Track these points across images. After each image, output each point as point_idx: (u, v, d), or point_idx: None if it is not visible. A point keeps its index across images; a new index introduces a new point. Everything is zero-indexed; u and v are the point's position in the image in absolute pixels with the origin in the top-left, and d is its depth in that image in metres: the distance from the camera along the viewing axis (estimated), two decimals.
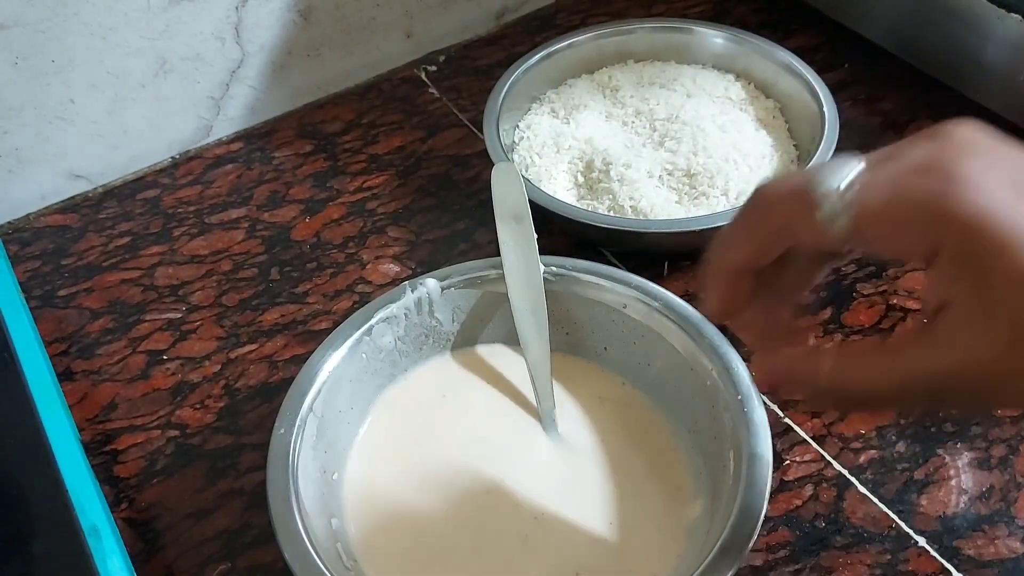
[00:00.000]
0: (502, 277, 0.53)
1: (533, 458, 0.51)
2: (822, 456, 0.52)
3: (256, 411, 0.57)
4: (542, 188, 0.63)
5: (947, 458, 0.51)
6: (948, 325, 0.30)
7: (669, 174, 0.64)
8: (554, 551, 0.46)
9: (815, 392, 0.34)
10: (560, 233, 0.61)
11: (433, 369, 0.55)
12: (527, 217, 0.55)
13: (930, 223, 0.29)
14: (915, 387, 0.31)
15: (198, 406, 0.57)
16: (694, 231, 0.58)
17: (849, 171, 0.30)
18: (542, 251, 0.54)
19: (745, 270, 0.34)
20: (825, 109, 0.65)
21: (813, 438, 0.53)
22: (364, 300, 0.61)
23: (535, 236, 0.54)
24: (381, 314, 0.52)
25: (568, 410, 0.52)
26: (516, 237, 0.54)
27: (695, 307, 0.50)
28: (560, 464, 0.50)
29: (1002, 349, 0.29)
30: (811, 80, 0.67)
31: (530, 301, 0.53)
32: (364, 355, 0.52)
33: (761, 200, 0.33)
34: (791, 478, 0.51)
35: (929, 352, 0.30)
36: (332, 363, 0.51)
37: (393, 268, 0.64)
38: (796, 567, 0.48)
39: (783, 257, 0.34)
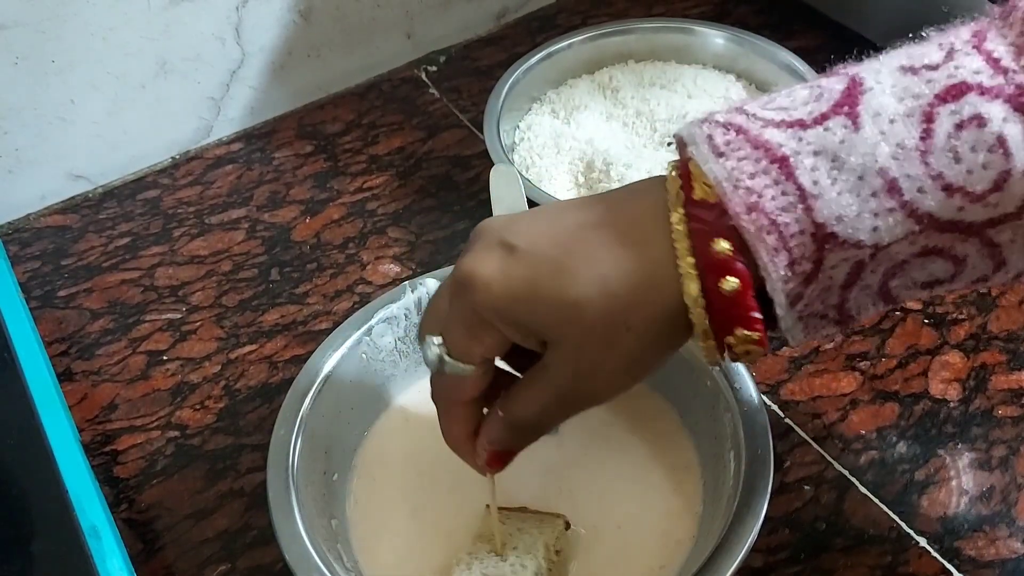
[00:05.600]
0: None
1: (534, 456, 0.50)
2: (823, 457, 0.52)
3: (256, 412, 0.57)
4: (542, 189, 0.63)
5: (948, 459, 0.51)
6: (546, 367, 0.38)
7: None
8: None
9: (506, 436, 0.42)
10: None
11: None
12: None
13: (488, 332, 0.38)
14: (551, 407, 0.39)
15: (198, 407, 0.57)
16: None
17: (435, 348, 0.39)
18: None
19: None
20: None
21: (814, 439, 0.53)
22: (364, 300, 0.61)
23: None
24: (381, 314, 0.52)
25: None
26: None
27: None
28: (561, 461, 0.50)
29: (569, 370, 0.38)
30: None
31: None
32: (364, 355, 0.52)
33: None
34: (791, 479, 0.51)
35: (546, 383, 0.39)
36: (332, 363, 0.50)
37: (393, 268, 0.64)
38: (796, 568, 0.48)
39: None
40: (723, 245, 0.33)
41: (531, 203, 0.57)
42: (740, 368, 0.48)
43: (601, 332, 0.36)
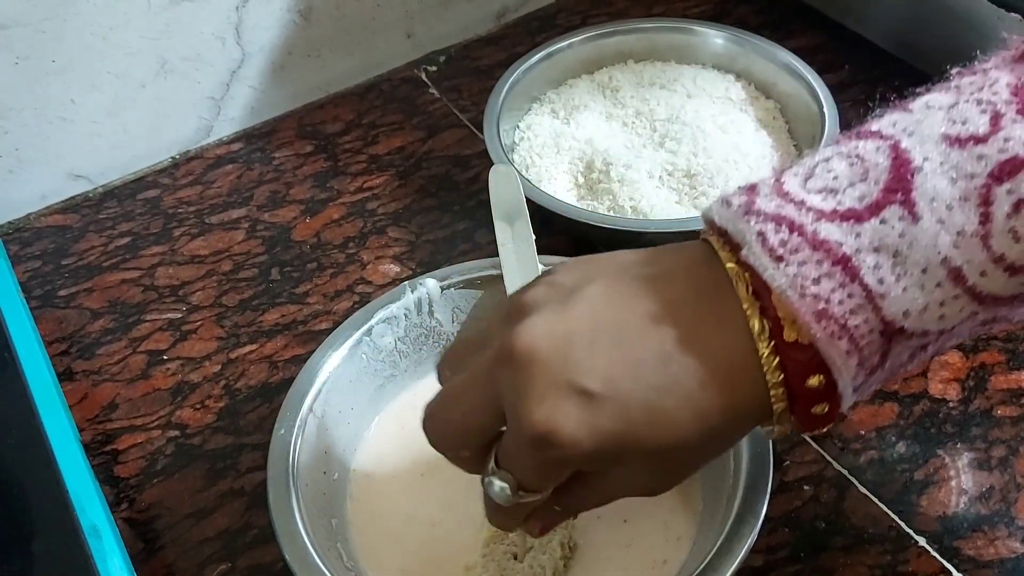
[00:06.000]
0: (502, 278, 0.53)
1: None
2: (822, 456, 0.52)
3: (256, 411, 0.57)
4: (542, 188, 0.63)
5: (947, 459, 0.51)
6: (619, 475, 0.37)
7: (669, 175, 0.64)
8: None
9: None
10: (560, 233, 0.61)
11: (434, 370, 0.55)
12: (525, 219, 0.55)
13: (568, 470, 0.36)
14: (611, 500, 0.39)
15: (198, 406, 0.57)
16: (694, 231, 0.57)
17: (504, 488, 0.36)
18: (542, 251, 0.54)
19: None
20: (825, 110, 0.65)
21: (813, 438, 0.53)
22: (364, 300, 0.61)
23: (533, 238, 0.54)
24: (381, 314, 0.52)
25: None
26: (514, 239, 0.54)
27: None
28: None
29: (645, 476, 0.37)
30: (811, 81, 0.67)
31: None
32: (364, 355, 0.52)
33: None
34: (791, 478, 0.51)
35: (613, 488, 0.38)
36: (332, 363, 0.51)
37: (393, 268, 0.64)
38: (796, 567, 0.48)
39: None
40: (817, 380, 0.33)
41: (528, 202, 0.57)
42: None
43: (693, 459, 0.37)
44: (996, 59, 0.33)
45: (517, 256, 0.53)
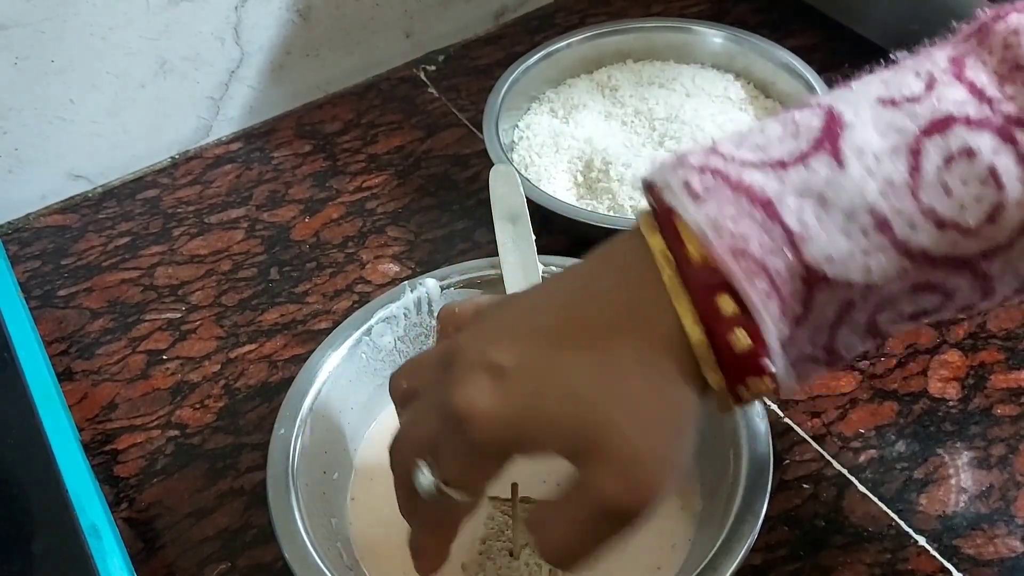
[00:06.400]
0: (502, 277, 0.53)
1: None
2: (822, 455, 0.52)
3: (256, 411, 0.57)
4: (542, 188, 0.63)
5: (947, 457, 0.51)
6: (585, 484, 0.34)
7: None
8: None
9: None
10: (560, 233, 0.61)
11: None
12: (525, 219, 0.55)
13: (492, 461, 0.35)
14: (598, 526, 0.34)
15: (198, 406, 0.57)
16: None
17: (429, 479, 0.36)
18: (542, 251, 0.54)
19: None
20: None
21: (813, 437, 0.53)
22: (364, 300, 0.61)
23: (533, 237, 0.54)
24: (381, 314, 0.53)
25: None
26: (515, 239, 0.54)
27: None
28: (560, 458, 0.50)
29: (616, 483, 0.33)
30: (811, 80, 0.67)
31: None
32: (364, 355, 0.52)
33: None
34: (791, 477, 0.51)
35: (587, 500, 0.34)
36: (332, 363, 0.51)
37: (393, 268, 0.64)
38: (796, 566, 0.48)
39: None
40: (728, 304, 0.32)
41: (530, 203, 0.58)
42: None
43: (628, 427, 0.33)
44: (940, 42, 0.34)
45: (517, 256, 0.54)
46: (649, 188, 0.35)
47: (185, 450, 0.55)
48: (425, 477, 0.36)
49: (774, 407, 0.54)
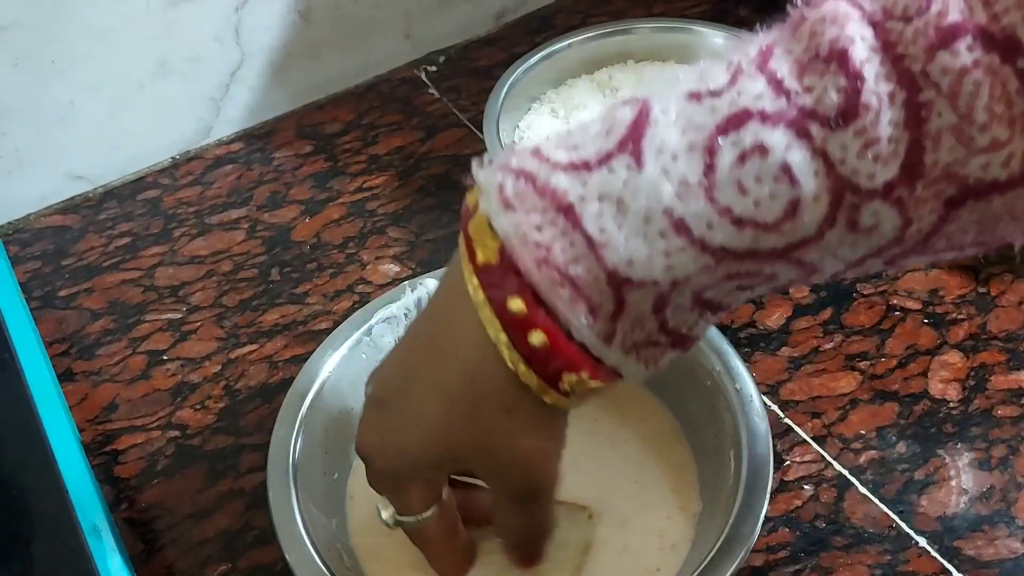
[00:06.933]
0: None
1: None
2: (822, 456, 0.52)
3: (256, 412, 0.57)
4: None
5: (947, 458, 0.51)
6: (495, 493, 0.40)
7: None
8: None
9: None
10: None
11: None
12: None
13: (412, 486, 0.41)
14: (527, 513, 0.40)
15: (198, 407, 0.57)
16: None
17: (385, 515, 0.42)
18: None
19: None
20: None
21: (813, 438, 0.53)
22: (364, 300, 0.61)
23: None
24: (381, 314, 0.52)
25: None
26: None
27: None
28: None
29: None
30: None
31: None
32: (364, 355, 0.52)
33: None
34: (791, 478, 0.51)
35: (506, 503, 0.40)
36: (332, 363, 0.50)
37: (393, 268, 0.64)
38: (796, 567, 0.48)
39: None
40: (517, 304, 0.32)
41: None
42: (741, 368, 0.48)
43: (487, 434, 0.36)
44: (768, 29, 0.33)
45: None
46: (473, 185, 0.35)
47: (185, 451, 0.55)
48: (382, 516, 0.42)
49: (774, 408, 0.54)
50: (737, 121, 0.30)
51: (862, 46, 0.29)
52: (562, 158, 0.33)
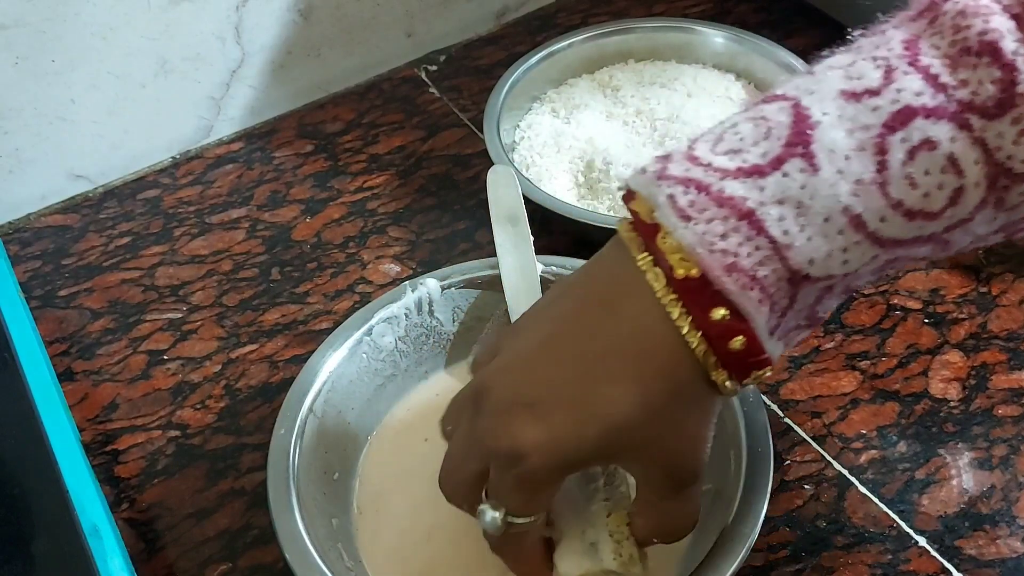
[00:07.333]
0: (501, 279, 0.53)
1: None
2: (823, 456, 0.52)
3: (257, 411, 0.57)
4: (543, 188, 0.63)
5: (948, 458, 0.51)
6: (647, 490, 0.41)
7: None
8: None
9: None
10: (560, 233, 0.61)
11: (437, 370, 0.55)
12: (523, 220, 0.55)
13: (549, 486, 0.39)
14: (677, 505, 0.40)
15: (199, 406, 0.57)
16: None
17: (496, 517, 0.39)
18: (542, 251, 0.54)
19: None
20: None
21: (813, 438, 0.53)
22: (365, 300, 0.61)
23: (532, 239, 0.54)
24: (381, 314, 0.52)
25: None
26: (513, 240, 0.54)
27: None
28: None
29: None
30: None
31: (527, 305, 0.52)
32: (365, 355, 0.52)
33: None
34: (792, 478, 0.51)
35: (656, 499, 0.40)
36: (332, 363, 0.51)
37: (394, 268, 0.64)
38: (797, 567, 0.48)
39: None
40: (720, 313, 0.34)
41: (528, 202, 0.58)
42: None
43: (668, 424, 0.37)
44: (895, 19, 0.35)
45: (516, 257, 0.53)
46: (631, 197, 0.36)
47: (186, 450, 0.55)
48: (491, 515, 0.39)
49: (774, 407, 0.54)
50: (903, 118, 0.32)
51: (1010, 38, 0.31)
52: (727, 164, 0.34)
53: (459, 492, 0.41)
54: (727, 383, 0.35)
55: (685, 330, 0.34)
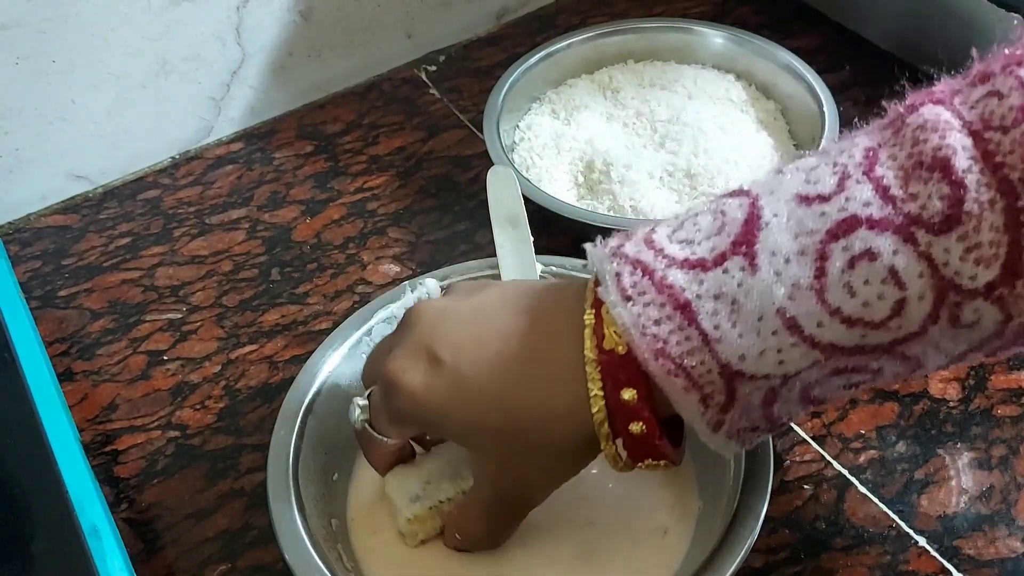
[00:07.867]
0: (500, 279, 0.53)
1: None
2: (822, 456, 0.52)
3: (256, 412, 0.57)
4: (543, 189, 0.63)
5: (947, 458, 0.51)
6: (479, 487, 0.44)
7: (670, 175, 0.64)
8: (555, 546, 0.46)
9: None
10: (560, 233, 0.61)
11: None
12: (523, 221, 0.55)
13: (408, 425, 0.43)
14: (495, 522, 0.44)
15: (198, 407, 0.57)
16: None
17: (358, 412, 0.44)
18: (542, 251, 0.54)
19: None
20: (826, 110, 0.65)
21: (813, 438, 0.53)
22: (364, 300, 0.61)
23: (531, 240, 0.54)
24: (381, 314, 0.52)
25: None
26: (513, 241, 0.54)
27: None
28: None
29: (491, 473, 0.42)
30: (812, 81, 0.67)
31: None
32: (364, 355, 0.52)
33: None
34: (791, 478, 0.51)
35: (482, 501, 0.44)
36: (332, 363, 0.51)
37: (393, 268, 0.64)
38: (796, 568, 0.48)
39: None
40: (630, 394, 0.36)
41: (528, 202, 0.58)
42: None
43: (519, 455, 0.40)
44: (871, 125, 0.35)
45: (516, 258, 0.53)
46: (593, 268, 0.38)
47: (185, 451, 0.55)
48: (355, 410, 0.43)
49: None
50: (847, 227, 0.32)
51: (963, 155, 0.31)
52: (677, 253, 0.35)
53: (366, 382, 0.46)
54: (615, 456, 0.38)
55: (593, 394, 0.37)
